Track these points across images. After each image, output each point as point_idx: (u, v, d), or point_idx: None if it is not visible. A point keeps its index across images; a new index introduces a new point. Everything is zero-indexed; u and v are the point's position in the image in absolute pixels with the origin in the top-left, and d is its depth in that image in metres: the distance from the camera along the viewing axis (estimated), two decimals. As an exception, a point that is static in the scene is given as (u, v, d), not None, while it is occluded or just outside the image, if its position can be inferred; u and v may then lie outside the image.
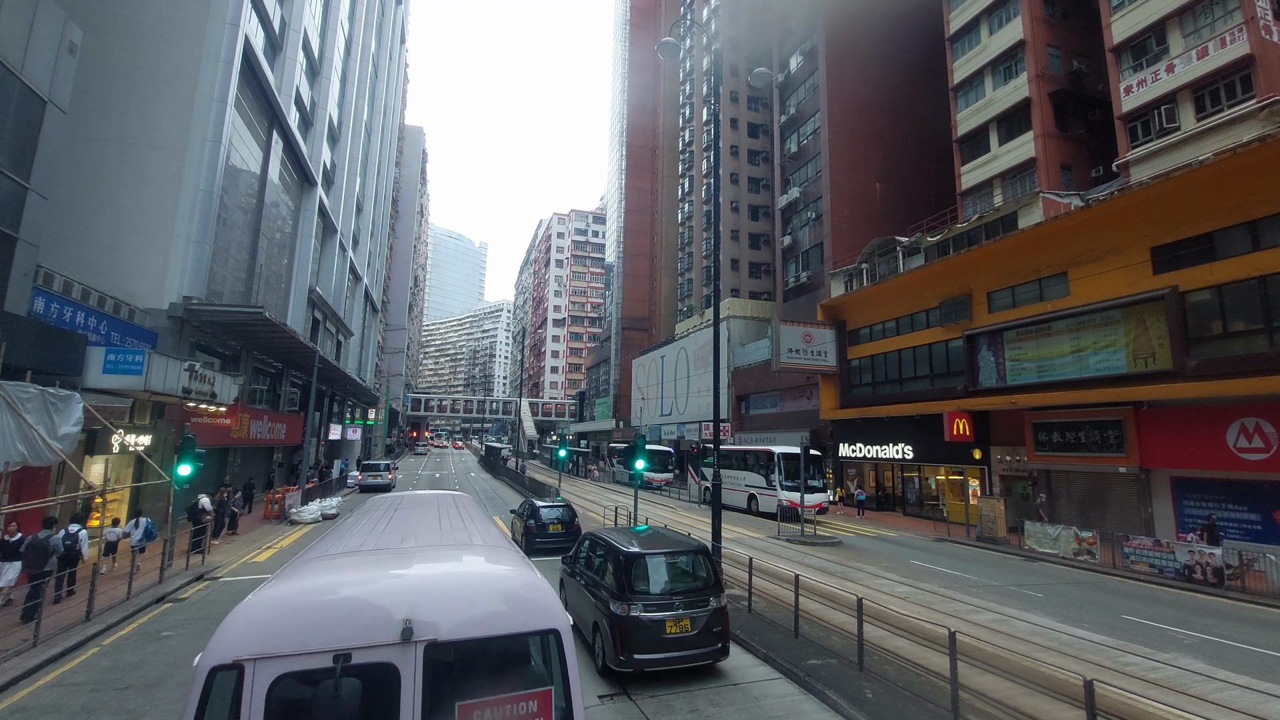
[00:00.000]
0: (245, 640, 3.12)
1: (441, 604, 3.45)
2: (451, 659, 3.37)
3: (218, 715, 3.00)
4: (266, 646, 3.09)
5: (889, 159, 38.26)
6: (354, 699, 3.19)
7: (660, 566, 8.63)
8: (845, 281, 33.99)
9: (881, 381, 30.62)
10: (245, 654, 3.06)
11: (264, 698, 2.99)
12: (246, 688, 2.99)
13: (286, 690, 3.07)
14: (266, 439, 28.86)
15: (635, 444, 17.77)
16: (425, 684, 3.21)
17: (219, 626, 3.28)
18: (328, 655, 3.11)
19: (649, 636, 7.85)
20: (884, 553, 18.65)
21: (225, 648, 3.10)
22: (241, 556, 16.47)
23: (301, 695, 3.14)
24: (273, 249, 29.96)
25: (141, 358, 13.69)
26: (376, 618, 3.28)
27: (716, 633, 8.18)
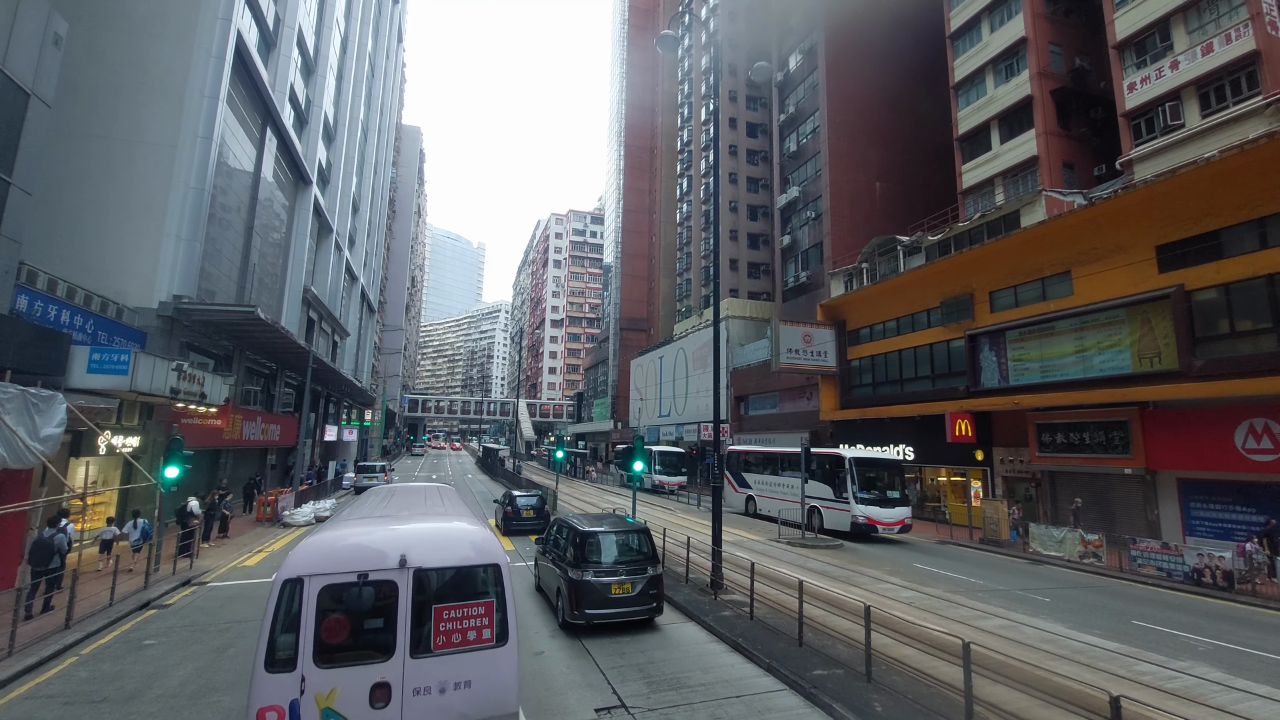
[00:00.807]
0: (303, 565, 5.09)
1: (424, 547, 5.47)
2: (431, 579, 5.39)
3: (285, 610, 4.91)
4: (316, 569, 5.07)
5: (889, 158, 38.01)
6: (369, 600, 5.22)
7: (610, 542, 10.80)
8: (845, 281, 33.72)
9: (882, 382, 30.34)
10: (304, 572, 5.04)
11: (315, 598, 4.97)
12: (306, 592, 4.95)
13: (327, 595, 5.03)
14: (260, 440, 28.46)
15: (633, 445, 17.45)
16: (414, 593, 5.21)
17: (288, 555, 5.24)
18: (353, 574, 5.13)
19: (598, 596, 10.06)
20: (886, 556, 18.34)
21: (291, 570, 5.07)
22: (231, 560, 16.11)
23: (336, 598, 5.09)
24: (267, 248, 29.59)
25: (127, 357, 13.34)
26: (383, 553, 5.30)
27: (652, 595, 10.44)
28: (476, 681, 5.22)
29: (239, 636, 10.02)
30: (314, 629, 4.93)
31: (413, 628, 5.18)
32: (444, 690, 5.11)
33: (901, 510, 21.46)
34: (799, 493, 21.43)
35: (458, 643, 5.28)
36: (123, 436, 16.53)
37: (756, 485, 27.96)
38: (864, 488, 21.64)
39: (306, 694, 4.77)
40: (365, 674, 4.97)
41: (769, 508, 25.99)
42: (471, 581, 5.55)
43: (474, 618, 5.38)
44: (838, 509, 22.04)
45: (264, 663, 4.82)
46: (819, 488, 22.93)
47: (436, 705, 5.09)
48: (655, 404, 59.04)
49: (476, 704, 5.18)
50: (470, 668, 5.24)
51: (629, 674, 8.43)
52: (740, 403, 45.12)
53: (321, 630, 4.95)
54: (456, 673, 5.19)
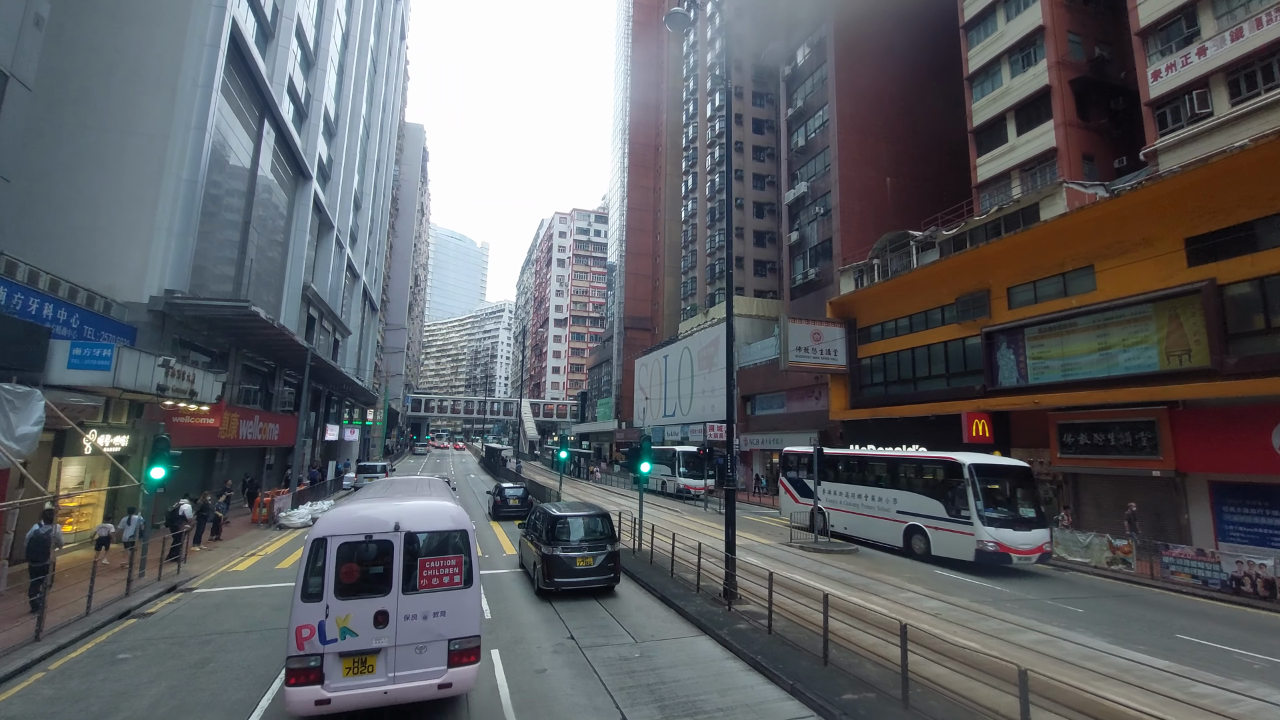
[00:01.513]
0: (328, 529, 6.82)
1: (413, 517, 7.16)
2: (418, 540, 7.07)
3: (314, 559, 6.66)
4: (336, 531, 6.82)
5: (900, 153, 37.21)
6: (373, 554, 6.89)
7: (577, 524, 12.95)
8: (856, 278, 32.94)
9: (894, 381, 29.57)
10: (328, 534, 6.77)
11: (335, 551, 6.69)
12: (329, 548, 6.69)
13: (344, 549, 6.75)
14: (258, 440, 27.86)
15: (640, 445, 16.75)
16: (405, 549, 6.93)
17: (317, 522, 6.98)
18: (362, 535, 6.88)
19: (566, 568, 12.34)
20: (904, 562, 17.58)
21: (319, 531, 6.79)
22: (222, 565, 15.46)
23: (350, 551, 6.79)
24: (265, 244, 28.99)
25: (110, 352, 12.70)
26: (384, 521, 6.99)
27: (610, 567, 12.68)
28: (450, 611, 7.00)
29: (220, 650, 9.36)
30: (335, 573, 6.73)
31: (404, 573, 6.96)
32: (426, 617, 6.91)
33: (1039, 534, 16.36)
34: (892, 507, 18.75)
35: (436, 584, 7.05)
36: (109, 436, 15.91)
37: (829, 496, 22.27)
38: (990, 504, 16.62)
39: (329, 617, 6.60)
40: (370, 604, 6.77)
41: (848, 525, 21.29)
42: (447, 542, 7.31)
43: (448, 567, 7.14)
44: (952, 531, 16.94)
45: (300, 596, 6.61)
46: (922, 502, 18.29)
47: (421, 627, 6.87)
48: (660, 403, 58.31)
49: (449, 627, 6.95)
50: (445, 602, 7.01)
51: (639, 697, 7.72)
52: (747, 402, 44.38)
53: (340, 573, 6.76)
54: (435, 605, 6.97)
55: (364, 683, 6.61)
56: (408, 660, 6.76)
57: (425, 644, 6.85)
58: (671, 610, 11.47)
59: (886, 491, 20.03)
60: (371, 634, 6.68)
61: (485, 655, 8.81)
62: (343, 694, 6.51)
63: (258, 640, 9.81)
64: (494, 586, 13.43)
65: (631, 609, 11.67)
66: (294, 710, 6.50)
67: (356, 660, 6.63)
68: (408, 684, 6.72)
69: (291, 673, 6.44)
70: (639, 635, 10.09)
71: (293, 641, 6.49)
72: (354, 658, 6.62)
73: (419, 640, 6.82)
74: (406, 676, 6.73)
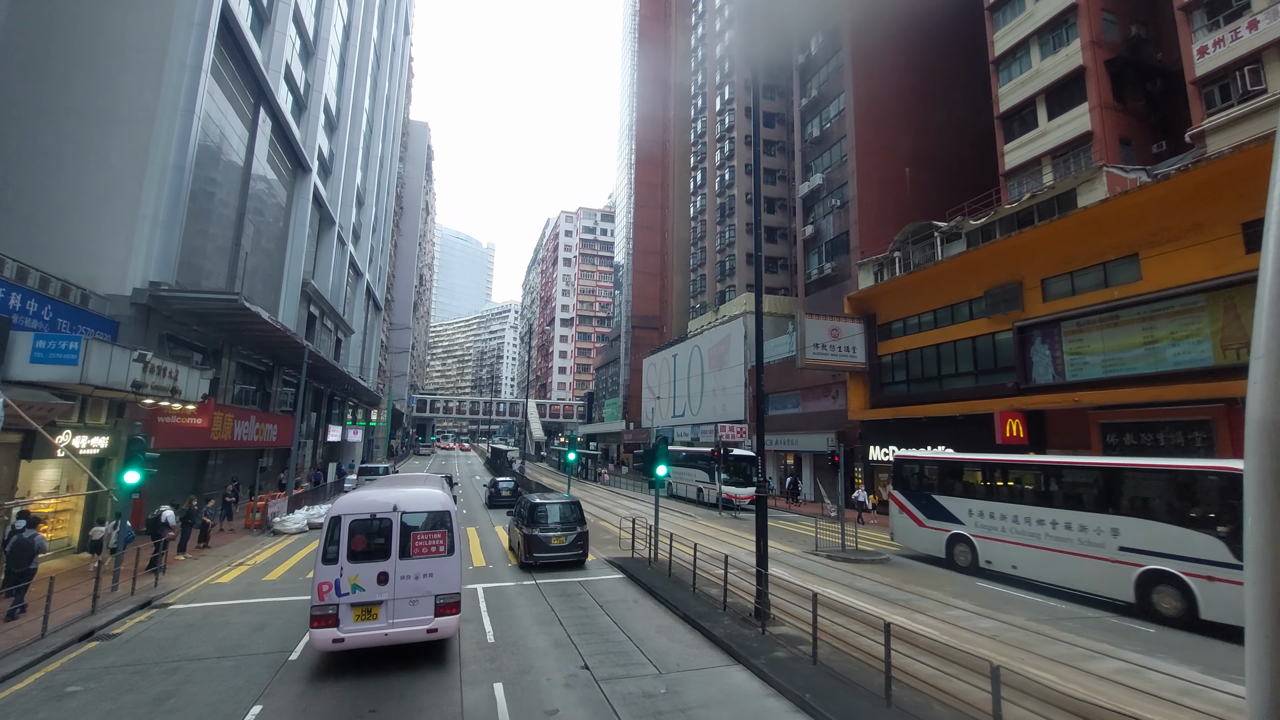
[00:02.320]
0: (342, 509, 8.69)
1: (408, 501, 9.02)
2: (412, 518, 8.90)
3: (332, 533, 8.46)
4: (348, 511, 8.65)
5: (919, 142, 35.83)
6: (377, 528, 8.67)
7: (554, 510, 15.69)
8: (875, 272, 31.60)
9: (918, 379, 28.22)
10: (342, 513, 8.63)
11: (347, 526, 8.52)
12: (343, 523, 8.52)
13: (354, 525, 8.56)
14: (254, 441, 26.79)
15: (655, 446, 15.52)
16: (401, 526, 8.73)
17: (334, 503, 9.20)
18: (368, 514, 8.69)
19: (543, 545, 14.99)
20: (940, 573, 16.27)
21: (336, 511, 8.67)
22: (205, 576, 14.32)
23: (359, 526, 8.59)
24: (261, 238, 27.94)
25: (77, 344, 11.58)
26: (385, 504, 8.82)
27: (580, 546, 15.41)
28: (436, 574, 8.69)
29: (187, 681, 8.18)
30: (347, 542, 8.47)
31: (400, 544, 8.66)
32: (417, 577, 8.58)
33: None
34: (1109, 541, 12.77)
35: (425, 552, 8.74)
36: (86, 437, 14.81)
37: (982, 520, 16.08)
38: None
39: (343, 576, 8.32)
40: (374, 567, 8.47)
41: (1018, 563, 14.80)
42: (435, 520, 8.98)
43: (435, 539, 8.84)
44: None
45: (321, 559, 8.40)
46: (1173, 536, 11.85)
47: (414, 585, 8.54)
48: (669, 403, 57.06)
49: (436, 585, 8.65)
50: (432, 566, 8.69)
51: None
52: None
53: (351, 543, 8.48)
54: (425, 569, 8.65)
55: (369, 627, 8.42)
56: (403, 610, 8.59)
57: (417, 598, 8.66)
58: (697, 633, 10.23)
59: (1095, 517, 13.32)
60: (375, 590, 8.51)
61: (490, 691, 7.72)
62: (353, 634, 8.33)
63: (230, 669, 8.64)
64: (501, 606, 12.21)
65: (651, 630, 10.44)
66: (318, 646, 8.36)
67: (364, 609, 8.45)
68: (403, 629, 8.55)
69: (315, 619, 8.26)
70: (662, 664, 8.85)
71: (315, 594, 8.31)
72: (362, 607, 8.44)
73: (412, 595, 8.64)
74: (402, 623, 8.55)
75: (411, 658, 8.97)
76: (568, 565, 15.32)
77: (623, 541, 18.18)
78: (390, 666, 8.69)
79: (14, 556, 10.79)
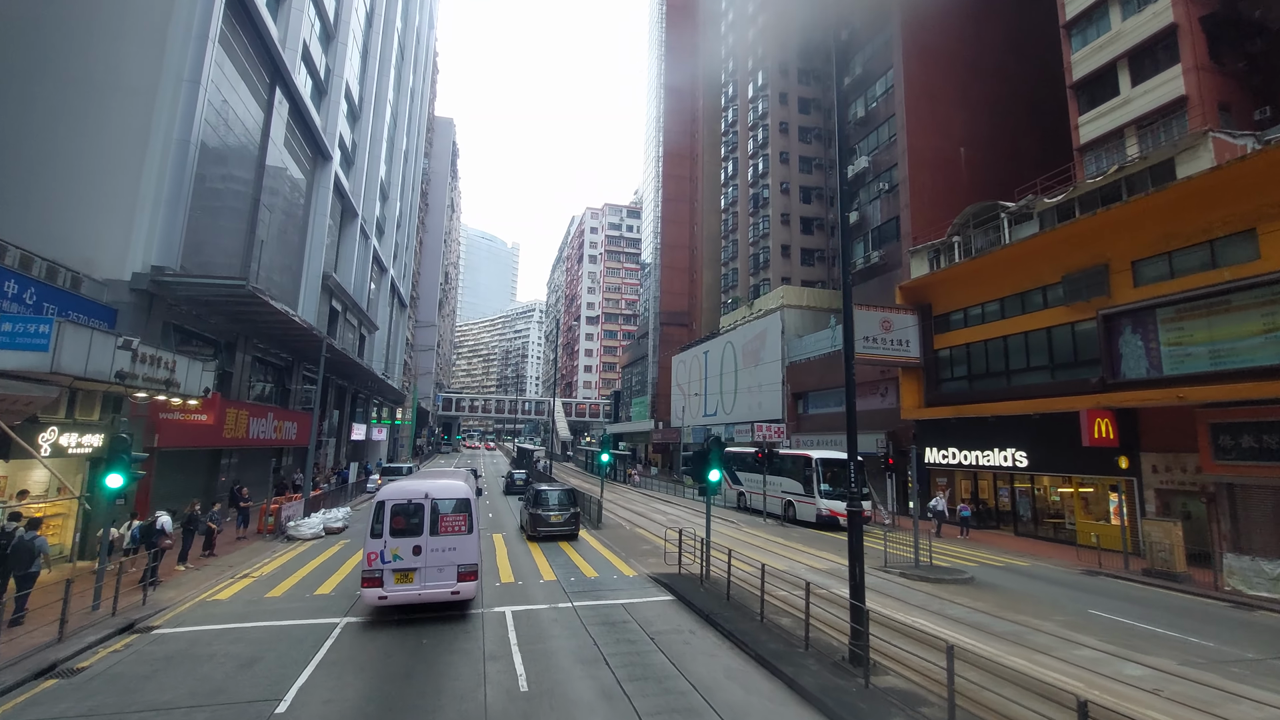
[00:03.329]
0: (385, 495, 11.14)
1: (438, 490, 11.37)
2: (440, 504, 11.22)
3: (378, 514, 10.89)
4: (390, 497, 11.09)
5: (975, 121, 33.23)
6: (413, 511, 11.04)
7: (553, 494, 20.52)
8: (930, 259, 29.17)
9: (981, 375, 25.78)
10: (385, 499, 11.06)
11: (390, 509, 10.94)
12: (386, 507, 10.94)
13: (395, 508, 10.97)
14: (272, 440, 25.48)
15: (707, 449, 13.56)
16: (432, 509, 11.10)
17: (380, 489, 12.01)
18: (406, 500, 11.09)
19: (544, 523, 19.44)
20: (1036, 594, 14.04)
21: (380, 497, 11.10)
22: (203, 591, 12.76)
23: (398, 509, 10.98)
24: (279, 227, 26.63)
25: (48, 328, 10.04)
26: (420, 492, 11.21)
27: (572, 523, 19.82)
28: (458, 548, 11.11)
29: (145, 742, 6.48)
30: (389, 521, 10.86)
31: (431, 523, 11.04)
32: (444, 551, 10.99)
33: None
34: None
35: (450, 531, 11.12)
36: (75, 434, 13.37)
37: None
38: None
39: (386, 548, 10.69)
40: (411, 541, 10.85)
41: None
42: (459, 505, 11.39)
43: (458, 521, 11.26)
44: None
45: (370, 534, 10.78)
46: None
47: (441, 557, 10.93)
48: (700, 402, 55.01)
49: (459, 557, 11.05)
50: (455, 542, 11.11)
51: None
52: (798, 400, 40.78)
53: (392, 522, 10.88)
54: (449, 544, 11.06)
55: (406, 588, 10.67)
56: (433, 576, 10.79)
57: (443, 567, 10.84)
58: (778, 681, 8.24)
59: None
60: (411, 559, 10.72)
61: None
62: (394, 593, 10.60)
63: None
64: (534, 636, 10.37)
65: (719, 675, 8.49)
66: (367, 602, 10.66)
67: (402, 574, 10.67)
68: (433, 590, 10.76)
69: (365, 580, 10.53)
70: (743, 728, 6.92)
71: (365, 561, 10.64)
72: (400, 573, 10.66)
73: (439, 565, 10.83)
74: (432, 586, 10.77)
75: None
76: (563, 537, 19.69)
77: (667, 555, 16.24)
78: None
79: (14, 560, 10.25)
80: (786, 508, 27.69)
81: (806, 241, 51.58)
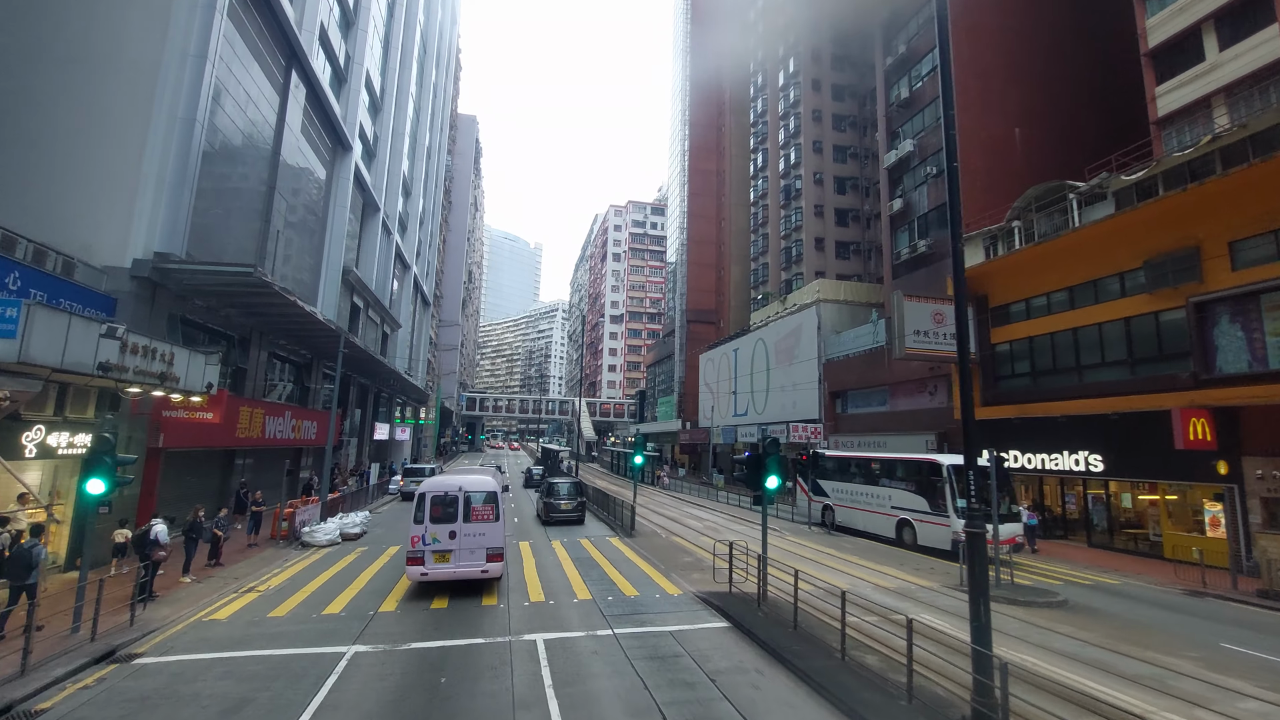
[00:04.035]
0: (426, 489, 13.21)
1: (470, 484, 13.44)
2: (472, 495, 13.21)
3: (420, 504, 12.92)
4: (429, 490, 13.17)
5: (1030, 99, 30.95)
6: (449, 502, 13.02)
7: (563, 486, 24.86)
8: (985, 246, 27.06)
9: (1047, 370, 23.65)
10: (425, 491, 13.13)
11: (430, 500, 12.95)
12: (427, 498, 12.96)
13: (434, 498, 12.97)
14: (289, 440, 24.44)
15: (764, 453, 11.88)
16: (465, 500, 13.09)
17: (422, 483, 14.25)
18: (443, 492, 13.14)
19: (555, 510, 23.70)
20: (1145, 620, 12.09)
21: (422, 490, 13.21)
22: (201, 609, 11.46)
23: (437, 500, 12.99)
24: (297, 218, 25.60)
25: (15, 311, 8.78)
26: (455, 485, 13.33)
27: (580, 510, 23.96)
28: (487, 534, 12.87)
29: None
30: (429, 510, 12.65)
31: (464, 512, 12.82)
32: (475, 535, 12.73)
33: None
34: None
35: (480, 519, 12.89)
36: (67, 433, 12.20)
37: None
38: None
39: (426, 532, 12.47)
40: (447, 527, 12.62)
41: None
42: (488, 497, 13.20)
43: (487, 510, 13.05)
44: None
45: (413, 520, 12.61)
46: None
47: (472, 541, 12.68)
48: (729, 401, 53.18)
49: (488, 541, 12.82)
50: (485, 528, 12.88)
51: None
52: (836, 399, 38.76)
53: (431, 511, 12.64)
54: (479, 529, 12.82)
55: (444, 567, 12.65)
56: (466, 557, 12.81)
57: (474, 549, 12.87)
58: (882, 747, 6.56)
59: None
60: (447, 542, 12.76)
61: None
62: (434, 571, 12.57)
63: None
64: (571, 674, 8.81)
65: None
66: (410, 578, 12.65)
67: (440, 555, 12.68)
68: (466, 569, 12.73)
69: (409, 559, 12.51)
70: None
71: (409, 543, 12.66)
72: (439, 554, 12.68)
73: (471, 547, 12.86)
74: (465, 565, 12.76)
75: None
76: (571, 523, 23.48)
77: (716, 571, 14.53)
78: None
79: (9, 569, 9.69)
80: (900, 529, 21.38)
81: (841, 234, 49.46)
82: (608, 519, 24.50)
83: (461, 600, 12.36)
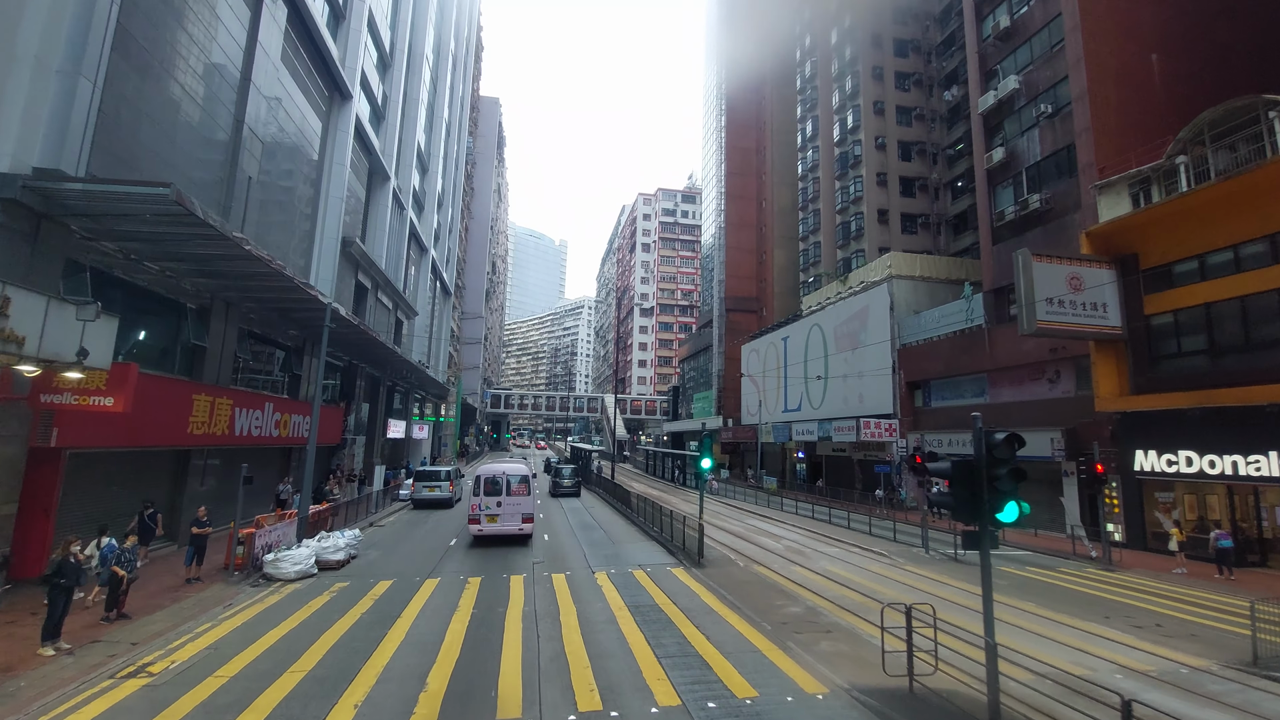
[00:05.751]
0: (481, 472, 19.44)
1: (510, 471, 19.57)
2: (512, 478, 19.26)
3: (476, 484, 19.28)
4: (483, 473, 19.33)
5: (1165, 17, 25.10)
6: (496, 482, 19.12)
7: (567, 469, 37.32)
8: (1132, 195, 21.42)
9: (1235, 347, 18.11)
10: (480, 474, 19.38)
11: (482, 480, 19.17)
12: (480, 479, 19.18)
13: (485, 479, 19.12)
14: (272, 438, 20.05)
15: (991, 457, 6.80)
16: (506, 480, 19.16)
17: (478, 468, 25.28)
18: (492, 476, 19.21)
19: (561, 484, 35.73)
20: None
21: (477, 473, 19.72)
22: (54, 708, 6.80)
23: (487, 480, 19.14)
24: (281, 170, 21.18)
25: None
26: (500, 470, 19.49)
27: (578, 486, 36.21)
28: (522, 504, 18.95)
29: None
30: (483, 487, 18.94)
31: (507, 489, 18.90)
32: (514, 504, 18.85)
33: None
34: None
35: (518, 494, 18.99)
36: None
37: None
38: None
39: (481, 501, 18.74)
40: (495, 499, 18.79)
41: None
42: (522, 479, 19.20)
43: (522, 488, 19.12)
44: None
45: (473, 494, 19.09)
46: None
47: (512, 508, 18.80)
48: (778, 395, 47.87)
49: (522, 509, 18.90)
50: (522, 500, 18.98)
51: None
52: (915, 390, 33.30)
53: (484, 487, 18.94)
54: (517, 501, 18.90)
55: (493, 526, 18.46)
56: (508, 520, 18.57)
57: (514, 515, 18.61)
58: None
59: None
60: (495, 509, 18.49)
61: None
62: (487, 528, 18.43)
63: None
64: None
65: None
66: (471, 532, 18.56)
67: (490, 518, 18.44)
68: (508, 527, 18.55)
69: (470, 519, 18.55)
70: None
71: (469, 509, 18.93)
72: (489, 516, 18.42)
73: (511, 513, 18.59)
74: (508, 525, 18.56)
75: None
76: (569, 495, 34.62)
77: (860, 640, 9.33)
78: None
79: None
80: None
81: (907, 205, 43.79)
82: (660, 536, 19.60)
83: (458, 705, 7.58)
